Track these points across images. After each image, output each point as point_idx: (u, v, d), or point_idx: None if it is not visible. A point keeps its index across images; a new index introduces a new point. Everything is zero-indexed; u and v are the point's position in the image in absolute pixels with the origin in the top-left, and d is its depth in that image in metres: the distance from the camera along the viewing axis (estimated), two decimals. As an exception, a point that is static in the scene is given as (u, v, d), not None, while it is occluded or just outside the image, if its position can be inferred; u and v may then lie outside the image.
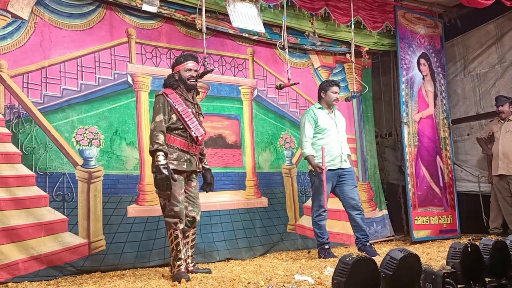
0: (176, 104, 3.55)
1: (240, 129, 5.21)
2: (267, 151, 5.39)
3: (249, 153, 5.23)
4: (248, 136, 5.26)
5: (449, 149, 6.11)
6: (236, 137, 5.17)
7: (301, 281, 3.08)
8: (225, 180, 5.00)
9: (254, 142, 5.29)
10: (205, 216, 4.68)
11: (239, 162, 5.14)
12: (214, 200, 4.84)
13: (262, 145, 5.36)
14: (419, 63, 6.03)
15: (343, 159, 4.55)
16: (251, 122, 5.30)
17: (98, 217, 4.16)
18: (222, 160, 5.01)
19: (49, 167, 3.97)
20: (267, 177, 5.34)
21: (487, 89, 6.09)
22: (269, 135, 5.43)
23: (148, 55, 4.66)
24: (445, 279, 2.28)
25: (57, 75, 4.13)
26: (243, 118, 5.25)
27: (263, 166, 5.32)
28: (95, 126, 4.27)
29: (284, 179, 5.46)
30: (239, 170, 5.13)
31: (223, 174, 4.98)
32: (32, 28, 4.04)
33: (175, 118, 3.54)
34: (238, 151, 5.16)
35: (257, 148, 5.30)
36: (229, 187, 5.02)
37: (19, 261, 3.69)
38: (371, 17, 5.75)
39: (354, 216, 4.54)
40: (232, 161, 5.09)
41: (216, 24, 4.91)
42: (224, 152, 5.05)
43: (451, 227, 5.89)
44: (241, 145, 5.19)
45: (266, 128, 5.42)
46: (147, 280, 3.52)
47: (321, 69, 5.94)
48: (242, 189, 5.12)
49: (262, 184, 5.26)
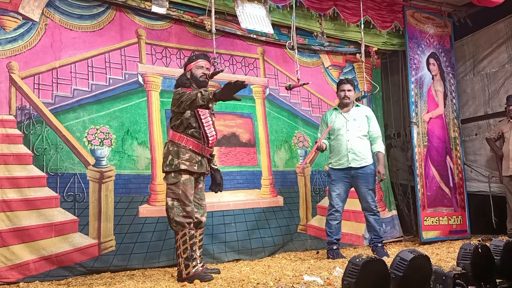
0: None
1: (254, 127, 5.19)
2: (282, 149, 5.36)
3: (264, 152, 5.20)
4: (262, 134, 5.23)
5: (459, 149, 6.08)
6: (250, 135, 5.14)
7: (310, 282, 3.08)
8: (240, 179, 4.96)
9: (269, 141, 5.26)
10: (218, 216, 4.68)
11: (253, 160, 5.11)
12: (228, 200, 4.81)
13: (277, 143, 5.33)
14: (428, 63, 6.01)
15: (351, 158, 4.52)
16: (264, 120, 5.28)
17: (109, 217, 4.17)
18: (236, 158, 4.98)
19: (60, 168, 3.99)
20: (283, 176, 5.30)
21: (496, 88, 6.06)
22: (283, 133, 5.40)
23: (158, 56, 4.68)
24: (455, 280, 2.27)
25: (68, 75, 4.15)
26: (256, 117, 5.23)
27: (278, 165, 5.29)
28: (107, 126, 4.29)
29: (298, 178, 5.43)
30: (254, 169, 5.10)
31: (237, 173, 4.95)
32: (42, 29, 4.07)
33: (189, 114, 3.52)
34: (253, 150, 5.13)
35: (272, 147, 5.27)
36: (243, 186, 4.98)
37: (30, 261, 3.72)
38: (380, 17, 5.74)
39: (367, 216, 4.56)
40: (246, 159, 5.05)
41: (224, 25, 4.93)
42: (238, 150, 5.02)
43: (461, 227, 5.86)
44: (255, 143, 5.16)
45: (280, 126, 5.39)
46: (157, 280, 3.54)
47: (332, 68, 5.92)
48: (257, 188, 5.09)
49: (277, 183, 5.22)
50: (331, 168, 4.62)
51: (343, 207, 4.57)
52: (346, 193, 4.58)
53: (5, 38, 3.88)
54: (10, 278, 3.61)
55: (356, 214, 4.91)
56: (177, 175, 3.47)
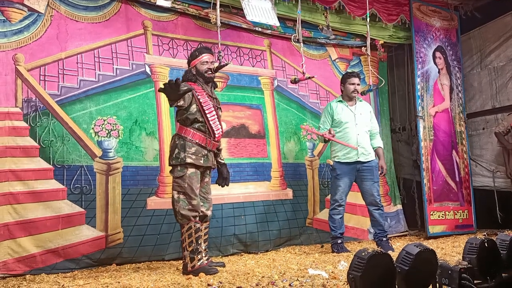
0: (199, 95, 3.54)
1: (263, 118, 5.15)
2: (292, 141, 5.32)
3: (273, 143, 5.16)
4: (272, 126, 5.19)
5: (465, 144, 6.05)
6: (259, 127, 5.11)
7: (315, 275, 3.09)
8: (249, 171, 4.92)
9: (278, 132, 5.22)
10: (228, 208, 4.65)
11: (263, 152, 5.06)
12: (238, 192, 4.76)
13: (287, 135, 5.30)
14: (434, 56, 5.97)
15: (360, 152, 4.52)
16: (274, 112, 5.24)
17: (116, 209, 4.16)
18: (245, 150, 4.93)
19: (67, 160, 3.99)
20: (293, 168, 5.27)
21: (504, 82, 6.01)
22: (293, 124, 5.37)
23: (165, 47, 4.66)
24: (461, 275, 2.26)
25: (74, 66, 4.14)
26: (265, 108, 5.20)
27: (288, 157, 5.25)
28: (114, 116, 4.26)
29: (307, 171, 5.40)
30: (264, 161, 5.06)
31: (247, 165, 4.90)
32: (48, 21, 4.06)
33: (195, 109, 3.53)
34: (262, 141, 5.09)
35: (281, 138, 5.23)
36: (253, 178, 4.94)
37: (36, 254, 3.73)
38: (386, 10, 5.71)
39: (372, 211, 4.56)
40: (256, 151, 5.01)
41: (230, 19, 4.91)
42: (247, 142, 4.98)
43: (467, 222, 5.85)
44: (265, 135, 5.12)
45: (289, 117, 5.36)
46: (162, 273, 3.55)
47: (339, 61, 5.89)
48: (267, 180, 5.05)
49: (287, 175, 5.19)
50: (338, 162, 4.56)
51: (345, 201, 4.57)
52: (349, 188, 4.58)
53: (10, 30, 3.87)
54: (17, 270, 3.63)
55: (362, 208, 4.88)
56: (183, 168, 3.47)
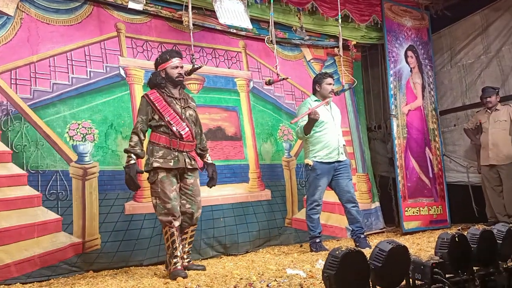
0: (156, 102, 3.56)
1: (239, 120, 5.15)
2: (268, 142, 5.33)
3: (250, 145, 5.16)
4: (248, 128, 5.19)
5: (438, 140, 6.17)
6: (235, 129, 5.10)
7: (293, 275, 3.10)
8: (227, 173, 4.90)
9: (254, 134, 5.22)
10: (207, 211, 4.59)
11: (240, 154, 5.06)
12: (216, 194, 4.72)
13: (263, 136, 5.30)
14: (406, 56, 6.08)
15: (340, 152, 4.58)
16: (250, 114, 5.25)
17: (93, 215, 4.07)
18: (222, 152, 4.92)
19: (41, 165, 3.89)
20: (270, 169, 5.28)
21: (473, 79, 6.16)
22: (269, 126, 5.38)
23: (139, 49, 4.62)
24: (433, 269, 2.31)
25: (47, 69, 4.06)
26: (242, 110, 5.19)
27: (265, 158, 5.26)
28: (89, 120, 4.19)
29: (284, 172, 5.41)
30: (241, 162, 5.06)
31: (225, 167, 4.88)
32: (18, 24, 3.97)
33: (157, 117, 3.55)
34: (239, 143, 5.09)
35: (258, 140, 5.23)
36: (231, 180, 4.93)
37: (11, 263, 3.61)
38: (358, 11, 5.78)
39: (349, 209, 4.58)
40: (233, 153, 5.00)
41: (204, 21, 4.89)
42: (224, 144, 4.96)
43: (441, 217, 5.97)
44: (241, 136, 5.12)
45: (265, 119, 5.37)
46: (140, 278, 3.51)
47: (314, 61, 5.94)
48: (245, 181, 5.05)
49: (265, 176, 5.19)
50: (318, 162, 4.51)
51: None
52: (326, 187, 4.61)
53: (-21, 34, 3.79)
54: (-11, 281, 3.53)
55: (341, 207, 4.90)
56: (155, 173, 3.49)
